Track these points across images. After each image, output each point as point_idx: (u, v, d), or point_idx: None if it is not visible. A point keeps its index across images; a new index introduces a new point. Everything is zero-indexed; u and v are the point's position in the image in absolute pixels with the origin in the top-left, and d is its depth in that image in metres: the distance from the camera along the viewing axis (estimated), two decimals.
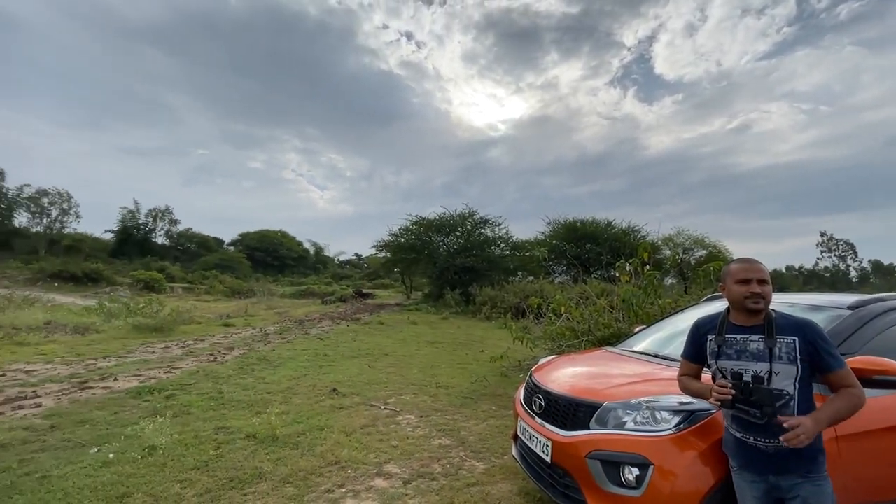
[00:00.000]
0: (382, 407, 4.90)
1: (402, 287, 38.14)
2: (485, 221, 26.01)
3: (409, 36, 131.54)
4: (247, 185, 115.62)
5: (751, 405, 1.60)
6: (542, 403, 2.65)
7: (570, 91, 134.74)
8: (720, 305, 2.49)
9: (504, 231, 26.16)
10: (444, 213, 25.92)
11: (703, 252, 30.11)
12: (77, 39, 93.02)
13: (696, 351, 1.92)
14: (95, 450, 3.37)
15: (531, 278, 24.53)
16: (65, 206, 56.74)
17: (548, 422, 2.55)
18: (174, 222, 62.32)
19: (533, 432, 2.61)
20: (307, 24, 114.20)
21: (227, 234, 69.00)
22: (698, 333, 1.92)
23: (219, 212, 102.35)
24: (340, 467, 3.27)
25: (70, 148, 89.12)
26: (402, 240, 26.74)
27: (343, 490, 2.94)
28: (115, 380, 5.66)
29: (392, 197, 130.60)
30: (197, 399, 4.84)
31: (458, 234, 26.18)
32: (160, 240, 61.30)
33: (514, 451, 2.99)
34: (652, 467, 1.97)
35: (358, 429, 4.12)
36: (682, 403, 2.09)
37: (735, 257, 2.21)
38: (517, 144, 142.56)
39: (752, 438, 1.67)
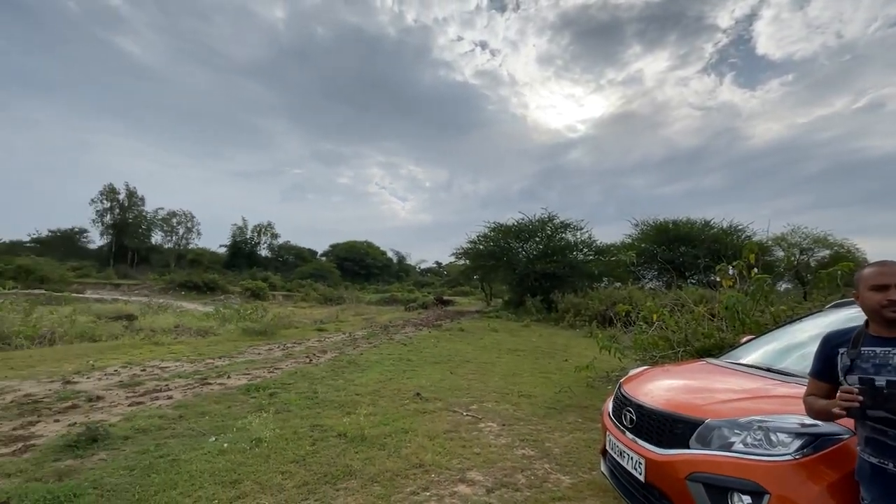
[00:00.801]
0: (465, 413, 4.91)
1: (482, 294, 38.19)
2: (565, 226, 25.14)
3: (484, 45, 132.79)
4: (335, 200, 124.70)
5: (889, 412, 1.33)
6: (633, 417, 2.47)
7: (656, 84, 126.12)
8: (850, 314, 2.14)
9: (586, 235, 25.08)
10: (523, 219, 25.53)
11: (827, 252, 26.08)
12: (195, 80, 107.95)
13: (826, 367, 1.64)
14: (213, 439, 3.80)
15: (618, 284, 23.11)
16: (189, 225, 65.73)
17: (640, 437, 2.37)
18: (275, 236, 69.10)
19: (624, 448, 2.44)
20: (386, 45, 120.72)
21: (320, 246, 74.85)
22: (828, 347, 1.65)
23: (312, 225, 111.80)
24: (424, 470, 3.33)
25: (192, 175, 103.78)
26: (481, 247, 26.80)
27: (427, 493, 2.99)
28: (229, 377, 6.35)
29: (470, 205, 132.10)
30: (295, 398, 5.26)
31: (537, 239, 25.61)
32: (264, 252, 68.16)
33: (603, 467, 2.82)
34: (768, 496, 1.73)
35: (441, 434, 4.17)
36: (804, 426, 1.81)
37: (869, 258, 1.88)
38: (598, 144, 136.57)
39: (891, 465, 1.39)
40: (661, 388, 2.71)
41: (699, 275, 23.80)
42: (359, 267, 65.98)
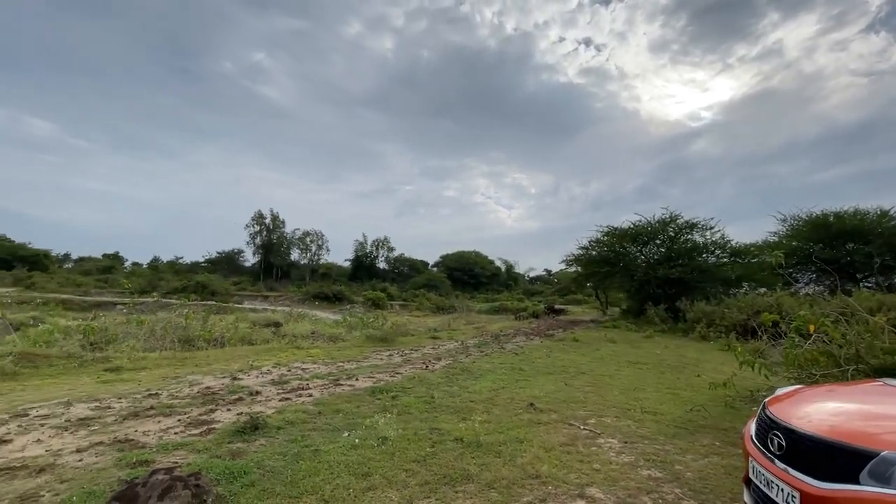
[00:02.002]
0: (582, 427, 4.72)
1: (597, 302, 36.12)
2: (691, 226, 22.61)
3: (587, 42, 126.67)
4: (444, 212, 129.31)
5: None
6: (783, 443, 2.16)
7: (803, 53, 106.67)
8: None
9: (718, 235, 22.21)
10: (640, 221, 23.62)
11: None
12: (320, 115, 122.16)
13: None
14: (346, 434, 4.25)
15: (763, 290, 20.00)
16: (319, 242, 74.15)
17: (793, 467, 2.06)
18: (391, 249, 74.31)
19: (772, 477, 2.15)
20: (487, 58, 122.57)
21: (431, 257, 78.23)
22: None
23: (423, 238, 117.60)
24: (541, 482, 3.29)
25: (320, 198, 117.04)
26: (594, 252, 25.45)
27: None
28: (356, 380, 7.01)
29: (579, 209, 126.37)
30: (414, 401, 5.59)
31: (657, 242, 23.48)
32: (381, 265, 73.69)
33: (746, 497, 2.50)
34: None
35: (557, 446, 4.08)
36: None
37: None
38: (729, 131, 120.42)
39: None
40: (822, 411, 2.33)
41: (875, 277, 19.43)
42: (468, 276, 67.38)
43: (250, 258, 71.03)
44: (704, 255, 22.23)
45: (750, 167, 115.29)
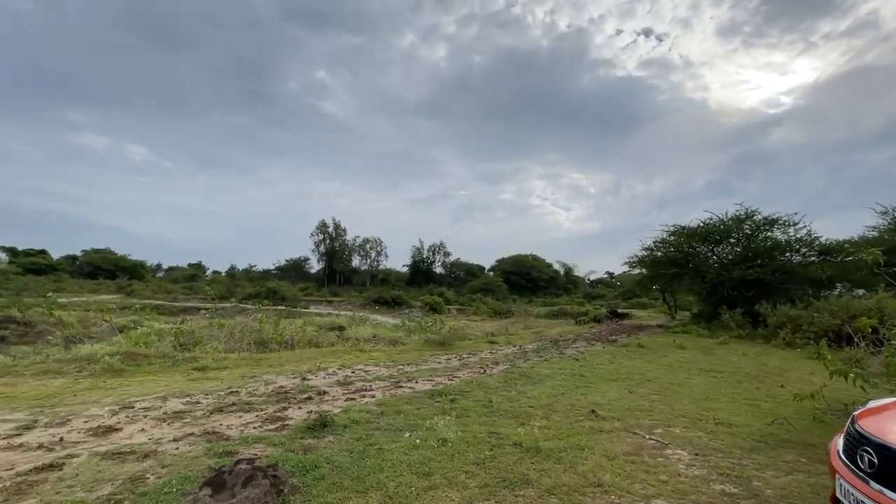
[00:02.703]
0: (647, 437, 4.54)
1: (664, 306, 34.13)
2: (771, 222, 20.73)
3: (647, 32, 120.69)
4: (499, 216, 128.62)
5: None
6: (875, 461, 1.97)
7: None
8: None
9: (804, 231, 20.17)
10: (711, 219, 22.04)
11: None
12: (377, 125, 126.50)
13: None
14: (408, 435, 4.40)
15: (859, 292, 17.85)
16: (378, 249, 76.75)
17: (889, 488, 1.88)
18: (447, 254, 75.33)
19: (863, 498, 1.97)
20: (540, 58, 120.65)
21: (486, 261, 78.16)
22: None
23: (479, 242, 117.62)
24: (604, 490, 3.22)
25: (379, 206, 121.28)
26: (659, 253, 24.10)
27: None
28: (416, 382, 7.19)
29: (643, 207, 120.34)
30: (473, 405, 5.65)
31: (732, 241, 21.78)
32: (438, 269, 74.79)
33: None
34: None
35: (620, 455, 3.96)
36: None
37: None
38: (814, 116, 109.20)
39: None
40: None
41: None
42: (525, 280, 66.42)
43: (315, 265, 75.09)
44: (788, 254, 20.30)
45: (840, 155, 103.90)
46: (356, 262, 76.53)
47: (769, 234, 20.87)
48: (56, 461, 3.50)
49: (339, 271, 71.14)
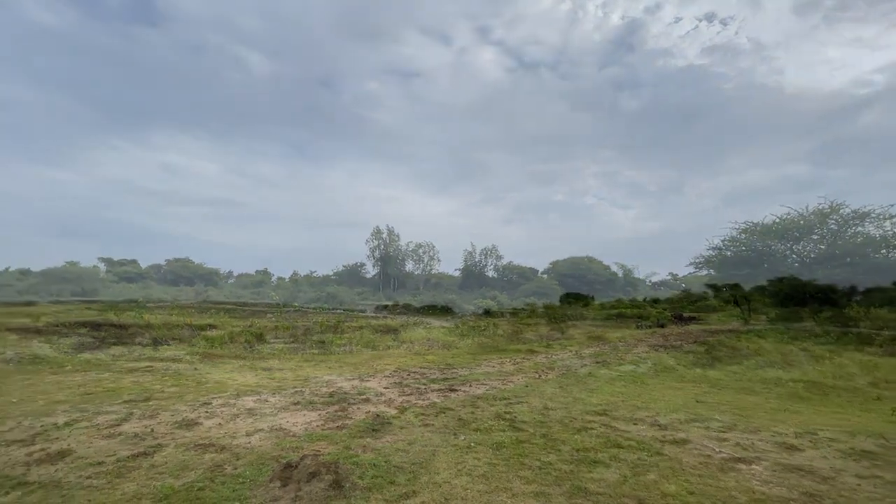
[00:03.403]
0: (717, 450, 4.25)
1: (736, 309, 31.67)
2: (862, 216, 18.86)
3: (710, 17, 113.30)
4: (552, 217, 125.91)
5: None
6: None
7: None
8: None
9: None
10: (788, 214, 20.39)
11: None
12: (428, 130, 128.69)
13: None
14: (462, 437, 4.44)
15: None
16: (431, 253, 77.90)
17: None
18: (499, 258, 74.85)
19: None
20: (590, 58, 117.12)
21: (540, 264, 76.63)
22: None
23: (532, 244, 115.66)
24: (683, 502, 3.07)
25: (431, 210, 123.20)
26: (729, 253, 22.67)
27: None
28: (470, 386, 7.23)
29: (708, 205, 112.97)
30: (527, 410, 5.59)
31: (814, 237, 19.98)
32: (490, 273, 74.52)
33: None
34: None
35: (688, 468, 3.75)
36: None
37: None
38: None
39: None
40: None
41: None
42: (581, 283, 64.40)
43: (370, 270, 77.61)
44: (884, 251, 18.19)
45: None
46: (409, 266, 78.16)
47: (860, 228, 18.85)
48: (147, 449, 3.92)
49: (393, 276, 73.02)
